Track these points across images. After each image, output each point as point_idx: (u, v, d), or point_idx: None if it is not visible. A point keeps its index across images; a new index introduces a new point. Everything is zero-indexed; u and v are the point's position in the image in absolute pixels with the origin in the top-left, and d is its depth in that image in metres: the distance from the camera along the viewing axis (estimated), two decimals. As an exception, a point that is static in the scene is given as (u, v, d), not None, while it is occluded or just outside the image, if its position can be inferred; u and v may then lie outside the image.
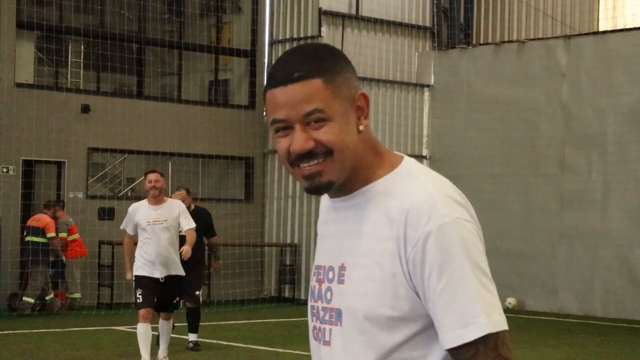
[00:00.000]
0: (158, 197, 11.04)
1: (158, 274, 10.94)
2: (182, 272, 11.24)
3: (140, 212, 11.03)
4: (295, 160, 2.16)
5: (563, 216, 19.15)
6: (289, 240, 21.70)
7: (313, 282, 2.31)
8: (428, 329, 2.12)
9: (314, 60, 2.18)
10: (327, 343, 2.22)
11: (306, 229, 21.27)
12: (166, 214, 11.05)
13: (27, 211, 18.96)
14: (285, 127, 2.16)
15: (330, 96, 2.15)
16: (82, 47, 20.57)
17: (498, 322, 2.04)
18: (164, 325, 11.54)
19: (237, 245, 20.89)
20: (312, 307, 2.29)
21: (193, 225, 11.42)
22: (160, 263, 10.94)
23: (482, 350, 2.02)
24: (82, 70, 20.55)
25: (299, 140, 2.13)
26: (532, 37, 22.32)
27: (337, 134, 2.14)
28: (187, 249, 11.05)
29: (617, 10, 23.10)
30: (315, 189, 2.19)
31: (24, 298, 17.63)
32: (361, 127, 2.19)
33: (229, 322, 17.01)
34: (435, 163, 22.17)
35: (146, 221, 10.94)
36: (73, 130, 19.28)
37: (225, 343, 14.14)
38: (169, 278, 11.02)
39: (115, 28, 21.07)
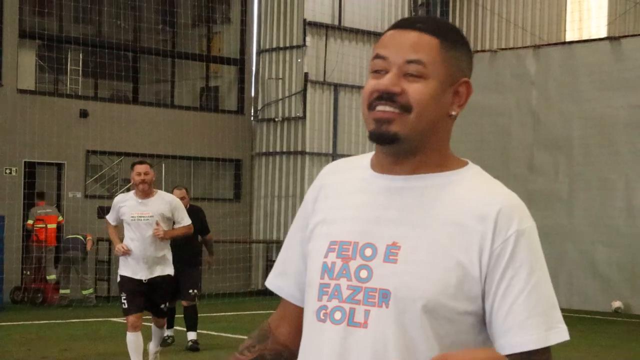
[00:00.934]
0: (147, 191, 9.24)
1: (142, 274, 9.18)
2: (169, 272, 9.46)
3: (126, 205, 9.26)
4: (375, 100, 1.97)
5: (531, 214, 19.09)
6: (275, 237, 21.67)
7: (331, 259, 1.99)
8: (467, 332, 1.93)
9: (442, 25, 2.05)
10: (358, 325, 1.93)
11: (289, 225, 21.22)
12: (153, 208, 9.20)
13: (30, 210, 18.87)
14: (382, 69, 1.99)
15: (438, 59, 1.98)
16: (81, 55, 20.57)
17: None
18: (156, 330, 9.98)
19: (227, 242, 20.83)
20: (325, 285, 1.99)
21: (189, 222, 9.69)
22: (144, 263, 9.18)
23: (550, 355, 1.90)
24: (80, 77, 20.54)
25: (388, 80, 1.96)
26: (503, 47, 22.38)
27: (424, 95, 1.96)
28: (159, 229, 9.13)
29: (583, 22, 23.22)
30: (380, 135, 1.97)
31: (84, 292, 17.91)
32: (453, 112, 2.01)
33: (218, 314, 16.96)
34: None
35: (130, 216, 9.17)
36: (72, 133, 19.28)
37: (215, 333, 14.11)
38: (154, 280, 9.27)
39: (111, 37, 21.07)
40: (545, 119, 19.62)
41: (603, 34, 22.25)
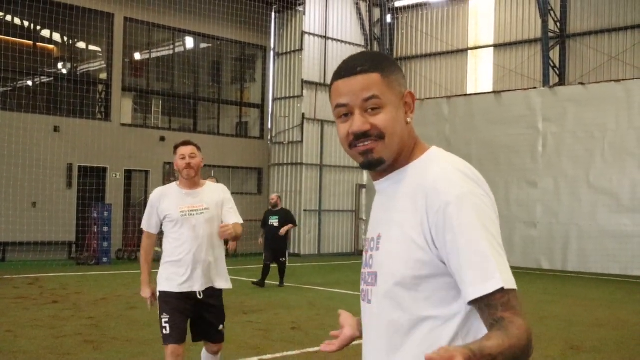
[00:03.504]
0: (194, 179, 4.83)
1: (197, 285, 4.71)
2: (228, 285, 4.84)
3: (169, 198, 4.77)
4: (353, 140, 1.62)
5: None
6: (283, 217, 21.68)
7: (367, 253, 1.69)
8: (445, 290, 1.53)
9: (374, 59, 1.64)
10: (370, 302, 1.65)
11: (292, 210, 21.27)
12: (207, 199, 4.78)
13: (127, 200, 18.91)
14: (347, 113, 1.62)
15: (385, 88, 1.61)
16: (160, 102, 20.56)
17: (511, 281, 1.45)
18: (209, 358, 5.00)
19: (253, 220, 20.71)
20: (362, 273, 1.70)
21: (241, 220, 4.88)
22: (199, 270, 4.71)
23: (513, 296, 1.42)
24: (160, 116, 20.52)
25: (357, 122, 1.60)
26: (428, 97, 22.53)
27: (389, 121, 1.60)
28: (228, 227, 4.55)
29: (478, 80, 23.32)
30: (368, 164, 1.63)
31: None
32: (408, 119, 1.65)
33: (246, 266, 16.92)
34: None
35: (179, 210, 4.72)
36: (154, 151, 19.30)
37: (245, 279, 14.13)
38: (211, 292, 4.78)
39: (179, 90, 21.00)
40: (455, 143, 19.61)
41: (490, 89, 22.19)
